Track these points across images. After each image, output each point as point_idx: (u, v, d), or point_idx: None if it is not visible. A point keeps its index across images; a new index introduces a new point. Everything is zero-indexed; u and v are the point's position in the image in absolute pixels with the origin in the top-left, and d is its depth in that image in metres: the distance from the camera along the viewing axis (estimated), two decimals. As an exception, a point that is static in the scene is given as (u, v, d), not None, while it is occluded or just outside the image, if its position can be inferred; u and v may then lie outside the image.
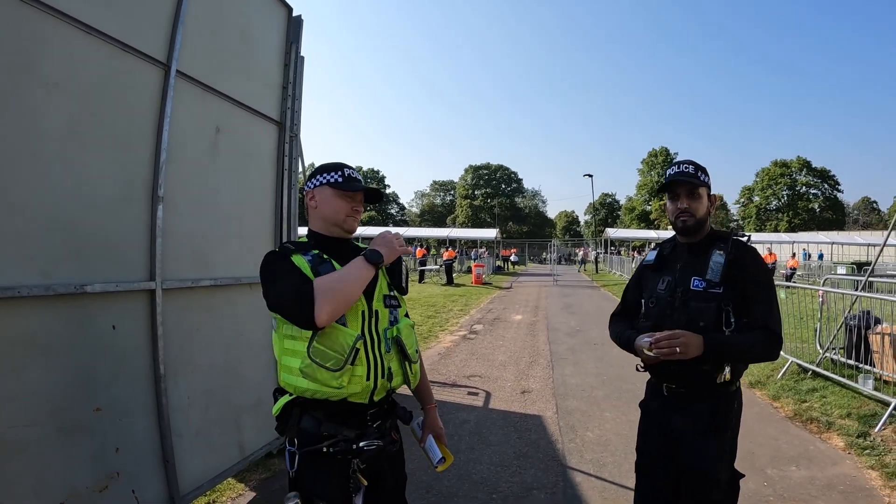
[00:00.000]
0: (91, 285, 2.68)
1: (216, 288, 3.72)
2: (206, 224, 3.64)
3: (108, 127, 2.84)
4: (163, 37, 3.18)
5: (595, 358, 8.92)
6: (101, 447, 2.74)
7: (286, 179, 4.60)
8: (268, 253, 1.99)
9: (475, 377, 7.62)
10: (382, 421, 1.97)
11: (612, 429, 5.45)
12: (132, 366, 2.99)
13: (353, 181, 2.03)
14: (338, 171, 2.03)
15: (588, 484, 4.20)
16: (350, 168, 2.06)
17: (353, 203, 2.02)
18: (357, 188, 2.02)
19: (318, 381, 1.79)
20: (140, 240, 3.08)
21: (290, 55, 4.58)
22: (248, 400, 3.98)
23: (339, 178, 2.01)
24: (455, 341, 10.47)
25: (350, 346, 1.80)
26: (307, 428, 1.86)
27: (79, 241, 2.68)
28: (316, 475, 1.86)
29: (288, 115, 4.58)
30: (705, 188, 2.41)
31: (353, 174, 2.04)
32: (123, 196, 2.96)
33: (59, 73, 2.56)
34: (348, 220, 2.02)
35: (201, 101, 3.58)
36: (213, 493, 3.80)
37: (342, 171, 2.03)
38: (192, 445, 3.43)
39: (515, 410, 6.08)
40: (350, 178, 2.03)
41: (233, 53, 3.90)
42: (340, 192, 2.00)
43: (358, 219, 2.06)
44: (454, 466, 4.46)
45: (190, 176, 3.48)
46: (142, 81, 3.06)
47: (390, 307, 2.01)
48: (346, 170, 2.04)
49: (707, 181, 2.43)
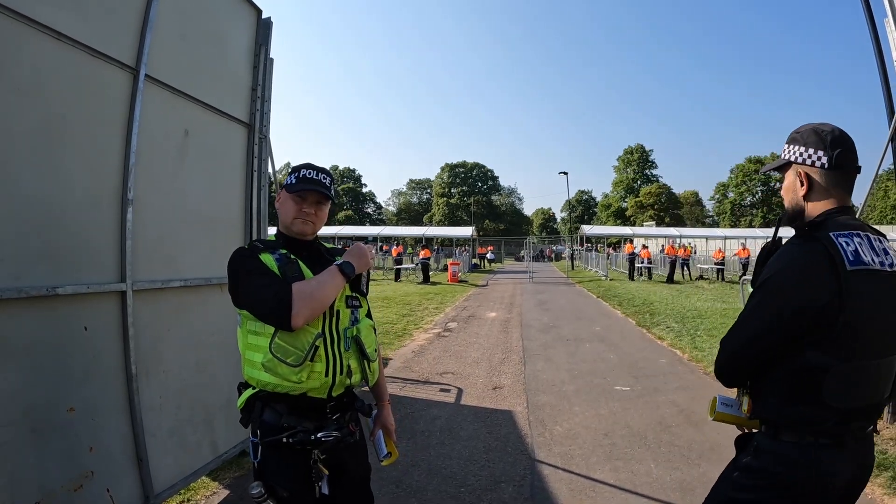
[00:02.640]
0: (62, 287, 2.72)
1: (187, 289, 3.76)
2: (176, 226, 3.68)
3: (77, 131, 2.88)
4: (131, 41, 3.21)
5: (567, 354, 9.09)
6: (74, 447, 2.78)
7: (256, 180, 4.65)
8: (236, 250, 2.01)
9: (448, 374, 7.72)
10: (342, 413, 2.04)
11: (581, 422, 5.58)
12: (104, 366, 3.03)
13: (304, 182, 2.03)
14: (296, 172, 2.07)
15: (555, 476, 4.32)
16: (312, 169, 2.07)
17: (302, 205, 2.04)
18: (302, 189, 2.02)
19: (278, 376, 1.86)
20: (110, 242, 3.12)
21: (259, 57, 4.63)
22: (220, 399, 4.03)
23: (292, 179, 2.06)
24: (429, 339, 10.57)
25: (310, 344, 1.88)
26: (269, 420, 1.93)
27: (50, 243, 2.72)
28: (278, 465, 1.94)
29: (257, 116, 4.63)
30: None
31: (309, 175, 2.05)
32: (93, 199, 2.99)
33: (28, 78, 2.59)
34: (296, 222, 2.04)
35: (170, 105, 3.61)
36: (187, 492, 3.85)
37: (300, 172, 2.06)
38: (165, 444, 3.47)
39: (487, 406, 6.19)
40: (304, 178, 2.04)
41: (202, 56, 3.94)
42: (290, 193, 2.04)
43: (309, 222, 2.05)
44: (424, 461, 4.56)
45: (159, 178, 3.52)
46: (111, 86, 3.10)
47: (352, 307, 2.07)
48: (304, 171, 2.06)
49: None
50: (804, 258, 1.61)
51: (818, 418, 1.60)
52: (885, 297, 1.59)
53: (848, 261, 1.54)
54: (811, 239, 1.63)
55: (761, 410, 1.75)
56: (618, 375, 7.55)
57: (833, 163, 1.69)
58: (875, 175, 6.23)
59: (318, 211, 2.08)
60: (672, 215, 73.65)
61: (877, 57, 5.43)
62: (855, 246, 1.58)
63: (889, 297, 1.60)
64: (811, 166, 1.73)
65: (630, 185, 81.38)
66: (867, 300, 1.55)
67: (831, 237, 1.58)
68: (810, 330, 1.57)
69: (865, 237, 1.62)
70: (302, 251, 2.07)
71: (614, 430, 5.28)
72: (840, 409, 1.59)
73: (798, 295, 1.58)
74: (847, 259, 1.54)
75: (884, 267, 1.59)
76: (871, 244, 1.61)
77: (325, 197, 2.08)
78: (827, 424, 1.60)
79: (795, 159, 1.78)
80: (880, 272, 1.58)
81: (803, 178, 1.75)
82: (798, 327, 1.58)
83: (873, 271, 1.56)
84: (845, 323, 1.53)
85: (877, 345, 1.59)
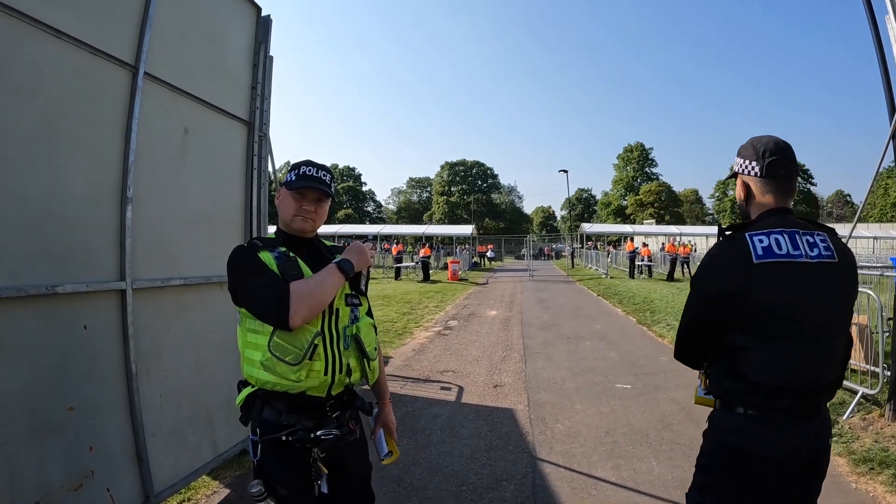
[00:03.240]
0: (62, 286, 2.71)
1: (186, 287, 3.75)
2: (175, 224, 3.68)
3: (76, 129, 2.87)
4: (131, 39, 3.20)
5: (567, 352, 9.08)
6: (74, 446, 2.78)
7: (256, 179, 4.64)
8: (235, 248, 2.00)
9: (448, 372, 7.72)
10: (342, 412, 2.03)
11: (583, 420, 5.57)
12: (104, 365, 3.02)
13: (304, 179, 2.01)
14: (296, 169, 2.05)
15: (557, 474, 4.32)
16: (312, 166, 2.05)
17: (302, 202, 2.02)
18: (302, 186, 2.01)
19: (277, 374, 1.85)
20: (110, 240, 3.11)
21: (258, 55, 4.62)
22: (220, 398, 4.03)
23: (292, 176, 2.04)
24: (430, 337, 10.57)
25: (309, 342, 1.87)
26: (268, 418, 1.92)
27: (49, 242, 2.71)
28: (277, 463, 1.92)
29: (257, 114, 4.62)
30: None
31: (309, 172, 2.03)
32: (93, 197, 2.98)
33: (27, 76, 2.58)
34: (296, 219, 2.02)
35: (170, 103, 3.60)
36: (187, 491, 3.84)
37: (300, 169, 2.04)
38: (165, 444, 3.47)
39: (487, 404, 6.19)
40: (304, 175, 2.02)
41: (201, 54, 3.93)
42: (290, 191, 2.03)
43: (309, 219, 2.04)
44: (425, 459, 4.55)
45: (159, 176, 3.51)
46: (110, 84, 3.09)
47: (351, 305, 2.05)
48: (304, 168, 2.04)
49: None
50: (718, 254, 1.91)
51: (745, 392, 1.84)
52: (802, 284, 1.79)
53: (756, 255, 1.78)
54: (728, 239, 1.90)
55: (712, 388, 2.01)
56: (619, 373, 7.55)
57: (765, 171, 1.92)
58: (876, 172, 6.23)
59: (318, 208, 2.07)
60: (672, 213, 73.62)
61: (878, 54, 5.42)
62: (769, 242, 1.81)
63: (807, 285, 1.79)
64: (749, 175, 1.98)
65: (630, 184, 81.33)
66: (778, 287, 1.77)
67: (745, 237, 1.83)
68: (728, 313, 1.82)
69: (790, 234, 1.83)
70: (301, 249, 2.06)
71: (616, 428, 5.28)
72: (762, 384, 1.80)
73: (711, 283, 1.89)
74: (755, 253, 1.78)
75: (804, 258, 1.79)
76: (793, 240, 1.82)
77: (326, 194, 2.06)
78: (755, 398, 1.83)
79: (738, 170, 2.04)
80: (796, 263, 1.79)
81: (743, 186, 2.02)
82: (716, 310, 1.86)
83: (786, 263, 1.78)
84: (757, 307, 1.77)
85: (794, 327, 1.79)
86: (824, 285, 1.81)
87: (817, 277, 1.80)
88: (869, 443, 4.60)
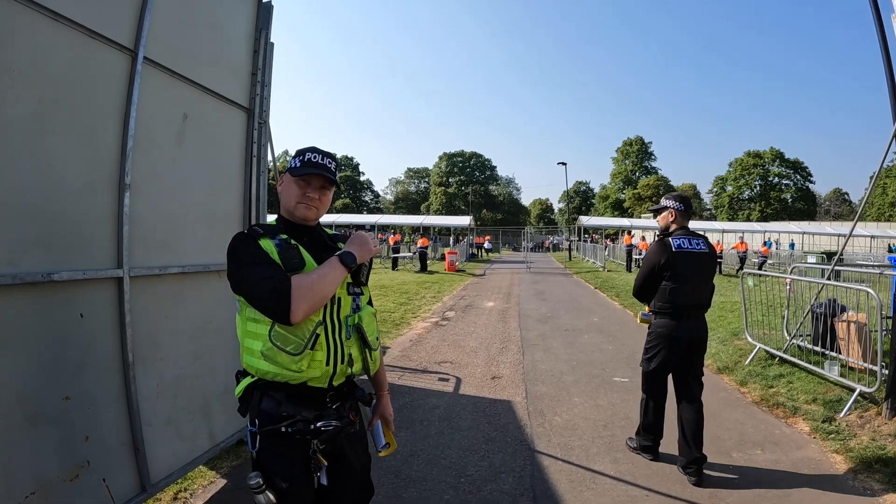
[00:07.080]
0: (58, 273, 2.67)
1: (184, 275, 3.71)
2: (174, 211, 3.63)
3: (74, 114, 2.81)
4: (130, 23, 3.14)
5: (565, 344, 9.08)
6: (70, 436, 2.74)
7: (255, 166, 4.59)
8: (235, 235, 1.94)
9: (446, 363, 7.72)
10: (342, 403, 2.00)
11: (581, 413, 5.58)
12: (100, 354, 2.98)
13: (309, 165, 1.98)
14: (301, 155, 2.01)
15: (555, 467, 4.31)
16: (317, 153, 2.01)
17: (306, 189, 1.99)
18: (307, 172, 1.97)
19: (278, 364, 1.81)
20: (107, 227, 3.06)
21: (259, 42, 4.55)
22: (217, 388, 4.00)
23: (297, 162, 2.00)
24: (427, 328, 10.55)
25: (310, 332, 1.83)
26: (267, 409, 1.88)
27: (46, 229, 2.66)
28: (276, 455, 1.89)
29: (257, 101, 4.56)
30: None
31: (315, 158, 1.99)
32: (90, 184, 2.93)
33: (23, 59, 2.52)
34: (299, 206, 1.99)
35: (169, 88, 3.55)
36: (184, 481, 3.83)
37: (305, 155, 2.00)
38: (161, 434, 3.44)
39: (485, 396, 6.18)
40: (310, 162, 1.98)
41: (201, 40, 3.87)
42: (294, 177, 1.99)
43: (313, 207, 2.01)
44: (423, 451, 4.54)
45: (157, 163, 3.45)
46: (108, 68, 3.03)
47: (353, 295, 2.01)
48: (309, 154, 2.00)
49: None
50: (656, 247, 4.17)
51: (670, 307, 4.10)
52: (692, 260, 4.08)
53: (675, 246, 4.06)
54: (661, 240, 4.17)
55: (653, 308, 4.25)
56: (616, 366, 7.55)
57: (682, 209, 4.21)
58: (877, 171, 6.21)
59: (322, 196, 2.03)
60: (670, 208, 73.42)
61: (882, 52, 5.38)
62: (679, 241, 4.08)
63: (694, 261, 4.08)
64: (674, 209, 4.21)
65: (628, 177, 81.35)
66: (683, 261, 4.05)
67: (669, 239, 4.11)
68: (662, 272, 4.10)
69: (687, 238, 4.11)
70: (303, 236, 2.01)
71: (613, 422, 5.28)
72: (678, 303, 4.08)
73: (654, 259, 4.13)
74: (674, 246, 4.06)
75: (695, 248, 4.09)
76: (690, 241, 4.10)
77: (331, 182, 2.02)
78: (673, 309, 4.09)
79: (670, 206, 4.23)
80: (691, 251, 4.07)
81: (671, 214, 4.23)
82: (657, 271, 4.12)
83: (688, 251, 4.06)
84: (675, 270, 4.05)
85: (689, 277, 4.07)
86: (704, 261, 4.15)
87: (701, 258, 4.12)
88: (866, 440, 4.60)
